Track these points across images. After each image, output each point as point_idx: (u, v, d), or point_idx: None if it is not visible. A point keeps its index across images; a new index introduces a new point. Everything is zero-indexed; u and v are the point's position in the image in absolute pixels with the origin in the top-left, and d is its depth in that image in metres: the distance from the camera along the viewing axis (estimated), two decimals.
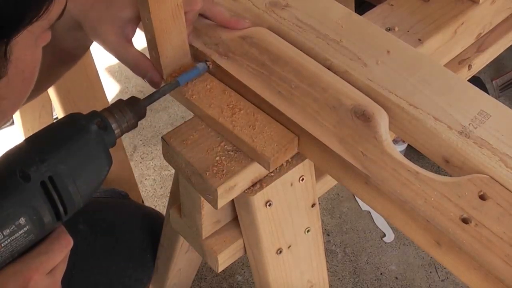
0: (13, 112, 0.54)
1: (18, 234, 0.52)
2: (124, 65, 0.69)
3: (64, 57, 0.73)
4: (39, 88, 0.71)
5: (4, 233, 0.51)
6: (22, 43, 0.47)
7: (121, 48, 0.67)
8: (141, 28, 0.69)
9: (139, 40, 0.75)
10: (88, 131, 0.56)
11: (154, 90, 0.66)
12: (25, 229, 0.52)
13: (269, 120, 0.67)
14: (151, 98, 0.64)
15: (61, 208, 0.54)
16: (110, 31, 0.65)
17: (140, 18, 0.66)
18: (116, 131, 0.59)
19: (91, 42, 0.71)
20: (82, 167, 0.55)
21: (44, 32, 0.50)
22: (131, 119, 0.60)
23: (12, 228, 0.51)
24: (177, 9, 0.64)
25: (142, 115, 0.62)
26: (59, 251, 0.56)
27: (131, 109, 0.60)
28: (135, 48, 0.68)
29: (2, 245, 0.51)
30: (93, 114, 0.58)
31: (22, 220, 0.52)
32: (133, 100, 0.61)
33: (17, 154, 0.53)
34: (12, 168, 0.52)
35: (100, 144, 0.56)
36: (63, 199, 0.54)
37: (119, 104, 0.60)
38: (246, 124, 0.66)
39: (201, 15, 0.72)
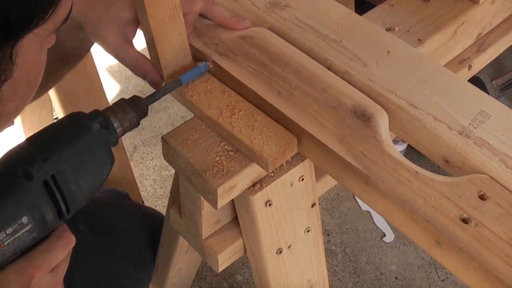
0: (17, 114, 0.54)
1: (20, 232, 0.52)
2: (124, 66, 0.69)
3: (66, 58, 0.74)
4: (41, 89, 0.71)
5: (7, 231, 0.51)
6: (28, 46, 0.47)
7: (120, 49, 0.67)
8: (140, 28, 0.69)
9: (141, 41, 0.75)
10: (90, 130, 0.56)
11: (154, 90, 0.66)
12: (27, 227, 0.52)
13: (269, 121, 0.67)
14: (153, 97, 0.64)
15: (63, 207, 0.54)
16: (109, 32, 0.65)
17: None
18: (118, 130, 0.59)
19: (92, 43, 0.71)
20: (84, 166, 0.55)
21: (49, 34, 0.50)
22: (133, 118, 0.60)
23: (14, 226, 0.51)
24: (175, 10, 0.64)
25: (144, 114, 0.62)
26: (62, 249, 0.57)
27: (133, 108, 0.60)
28: (135, 49, 0.68)
29: (5, 243, 0.51)
30: (95, 113, 0.58)
31: (24, 219, 0.52)
32: (135, 99, 0.61)
33: (19, 153, 0.53)
34: (14, 167, 0.52)
35: (102, 143, 0.56)
36: (66, 197, 0.54)
37: (121, 103, 0.60)
38: (245, 125, 0.66)
39: (201, 15, 0.72)
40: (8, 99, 0.49)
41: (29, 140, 0.54)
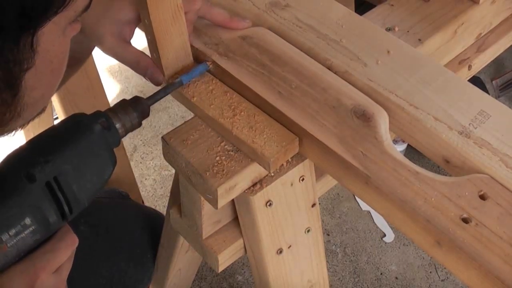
0: (44, 103, 0.54)
1: (24, 234, 0.52)
2: (124, 65, 0.69)
3: (69, 61, 0.73)
4: None
5: (10, 233, 0.51)
6: (49, 34, 0.47)
7: (119, 48, 0.67)
8: (141, 28, 0.69)
9: (139, 41, 0.75)
10: (92, 131, 0.56)
11: (155, 90, 0.66)
12: (30, 229, 0.52)
13: (270, 122, 0.67)
14: (154, 97, 0.64)
15: (66, 208, 0.54)
16: (107, 32, 0.65)
17: (139, 19, 0.66)
18: (120, 131, 0.59)
19: (94, 46, 0.71)
20: (86, 167, 0.55)
21: (71, 23, 0.50)
22: (135, 119, 0.60)
23: (17, 228, 0.51)
24: (177, 10, 0.64)
25: (145, 114, 0.62)
26: (65, 250, 0.57)
27: (135, 108, 0.60)
28: (134, 47, 0.68)
29: (8, 245, 0.51)
30: (97, 114, 0.58)
31: (27, 220, 0.52)
32: (136, 100, 0.61)
33: (22, 155, 0.53)
34: (17, 169, 0.52)
35: (104, 144, 0.56)
36: (68, 198, 0.54)
37: (122, 103, 0.60)
38: (246, 125, 0.66)
39: (201, 17, 0.72)
40: (32, 87, 0.49)
41: (31, 142, 0.54)
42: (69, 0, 0.46)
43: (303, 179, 0.71)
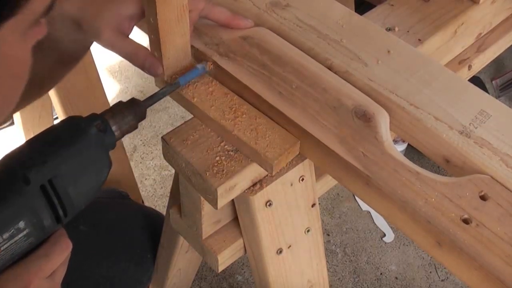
0: (8, 107, 0.51)
1: (17, 237, 0.52)
2: (124, 63, 0.69)
3: (64, 59, 0.73)
4: (41, 89, 0.69)
5: (4, 236, 0.50)
6: (6, 38, 0.44)
7: (117, 41, 0.65)
8: (140, 27, 0.69)
9: (139, 41, 0.75)
10: (88, 134, 0.55)
11: (155, 90, 0.66)
12: (24, 232, 0.52)
13: (272, 124, 0.66)
14: (151, 100, 0.63)
15: (60, 211, 0.53)
16: (106, 26, 0.64)
17: (140, 15, 0.66)
18: (116, 133, 0.58)
19: (91, 43, 0.71)
20: (81, 170, 0.54)
21: (32, 27, 0.46)
22: (131, 121, 0.59)
23: (11, 231, 0.51)
24: (183, 10, 0.64)
25: (142, 116, 0.61)
26: (59, 254, 0.56)
27: (131, 111, 0.60)
28: (131, 39, 0.67)
29: (2, 248, 0.51)
30: (93, 116, 0.57)
31: (21, 223, 0.51)
32: (133, 102, 0.61)
33: (17, 157, 0.53)
34: (12, 171, 0.51)
35: (100, 147, 0.56)
36: (63, 202, 0.53)
37: (119, 106, 0.60)
38: (248, 127, 0.66)
39: (203, 17, 0.72)
40: None
41: (26, 144, 0.54)
42: (19, 6, 0.42)
43: (303, 179, 0.71)
